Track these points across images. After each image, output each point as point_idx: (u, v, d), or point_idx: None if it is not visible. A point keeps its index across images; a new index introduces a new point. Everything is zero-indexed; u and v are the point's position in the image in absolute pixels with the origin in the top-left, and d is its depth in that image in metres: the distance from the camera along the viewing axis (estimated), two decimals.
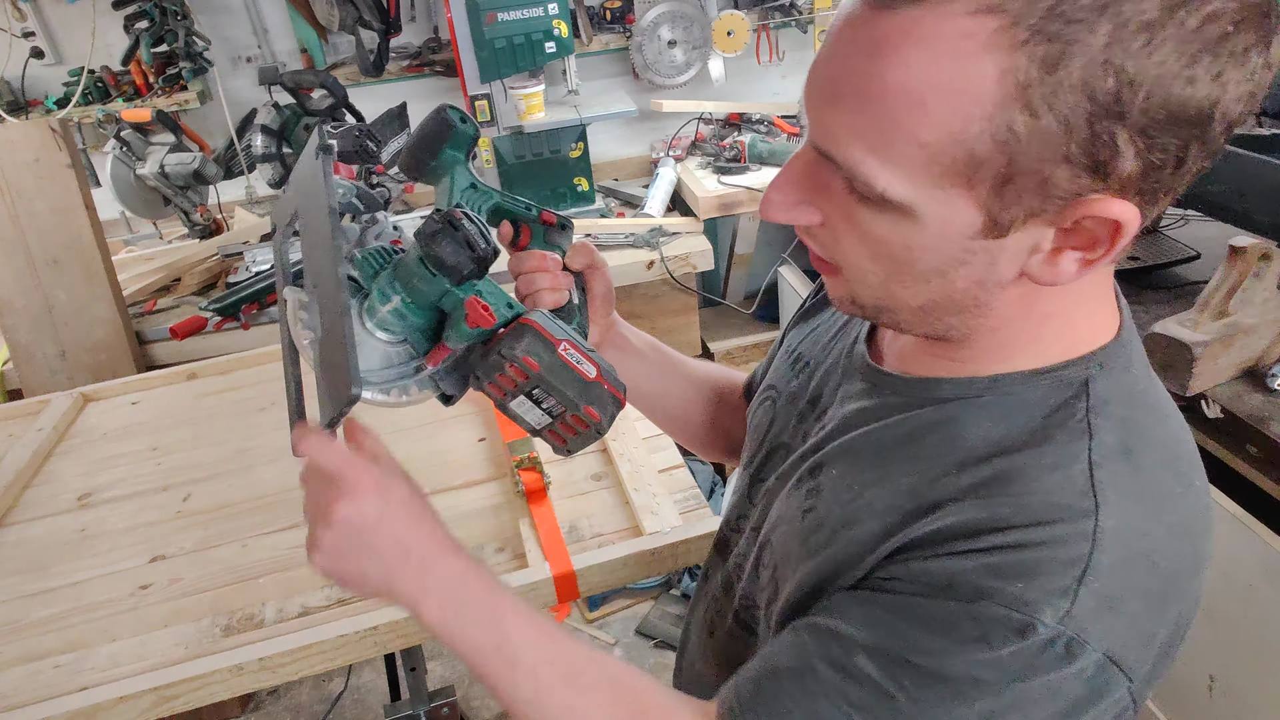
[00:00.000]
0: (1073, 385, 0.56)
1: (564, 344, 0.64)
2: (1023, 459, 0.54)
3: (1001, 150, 0.45)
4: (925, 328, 0.58)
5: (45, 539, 1.32)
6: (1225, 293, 1.29)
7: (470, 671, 0.63)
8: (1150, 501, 0.54)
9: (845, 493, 0.62)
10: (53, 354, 2.04)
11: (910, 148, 0.47)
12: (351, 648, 1.05)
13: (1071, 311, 0.57)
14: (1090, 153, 0.45)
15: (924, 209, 0.49)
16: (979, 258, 0.51)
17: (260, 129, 2.35)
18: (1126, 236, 0.48)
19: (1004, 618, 0.50)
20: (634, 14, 2.63)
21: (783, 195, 0.55)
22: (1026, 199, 0.47)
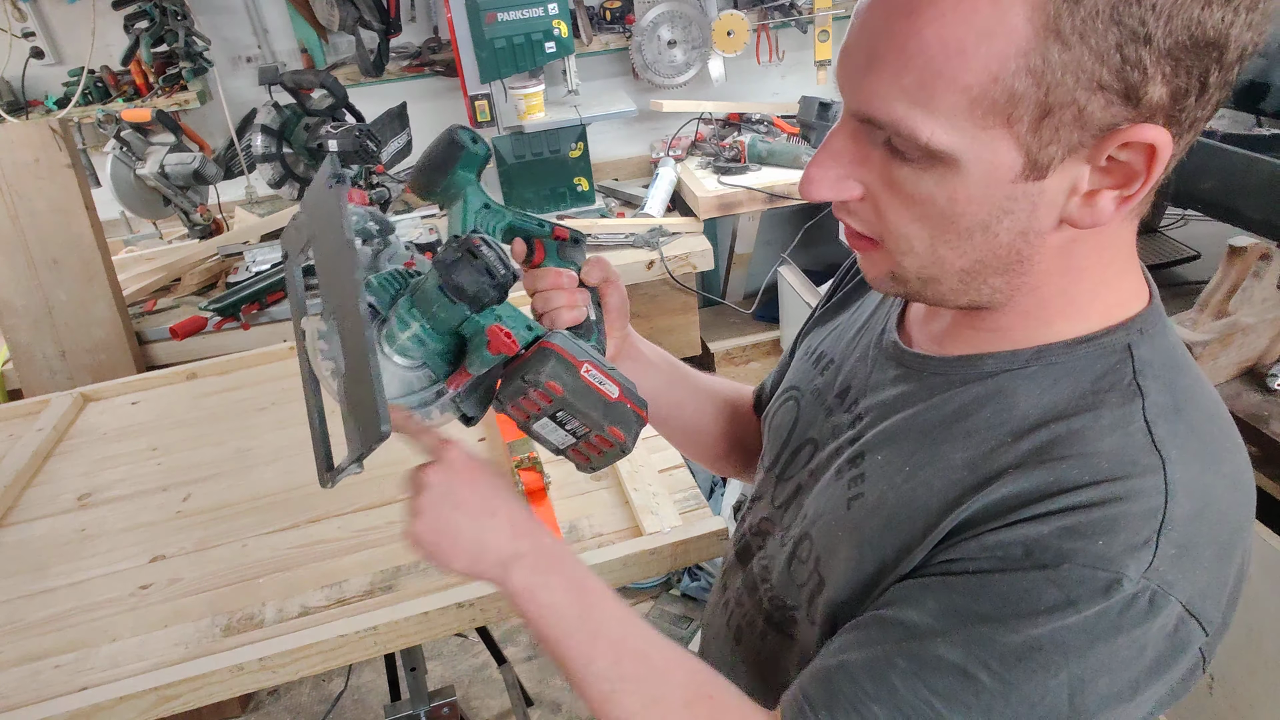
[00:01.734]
0: (1116, 351, 0.58)
1: (586, 365, 0.65)
2: (1080, 422, 0.55)
3: (1038, 83, 0.47)
4: (968, 295, 0.58)
5: (45, 539, 1.32)
6: (1225, 292, 1.29)
7: (541, 640, 0.64)
8: (1207, 456, 0.55)
9: (896, 475, 0.62)
10: (53, 354, 2.04)
11: (953, 94, 0.48)
12: (351, 648, 1.05)
13: (1105, 271, 0.58)
14: (1122, 78, 0.47)
15: (967, 155, 0.50)
16: (1020, 205, 0.52)
17: (260, 129, 2.35)
18: (1161, 163, 0.50)
19: (1089, 578, 0.50)
20: (634, 14, 2.63)
21: (823, 171, 0.56)
22: (1064, 133, 0.49)
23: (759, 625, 0.76)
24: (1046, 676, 0.51)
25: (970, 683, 0.53)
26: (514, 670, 1.90)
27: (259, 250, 2.31)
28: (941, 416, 0.62)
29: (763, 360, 2.67)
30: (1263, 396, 1.27)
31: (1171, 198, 1.54)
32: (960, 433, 0.60)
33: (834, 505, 0.67)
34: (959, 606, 0.54)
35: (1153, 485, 0.52)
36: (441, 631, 1.08)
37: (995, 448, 0.57)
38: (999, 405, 0.59)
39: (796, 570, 0.70)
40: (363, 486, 1.33)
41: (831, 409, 0.73)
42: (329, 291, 0.66)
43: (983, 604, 0.53)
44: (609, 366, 0.67)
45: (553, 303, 0.74)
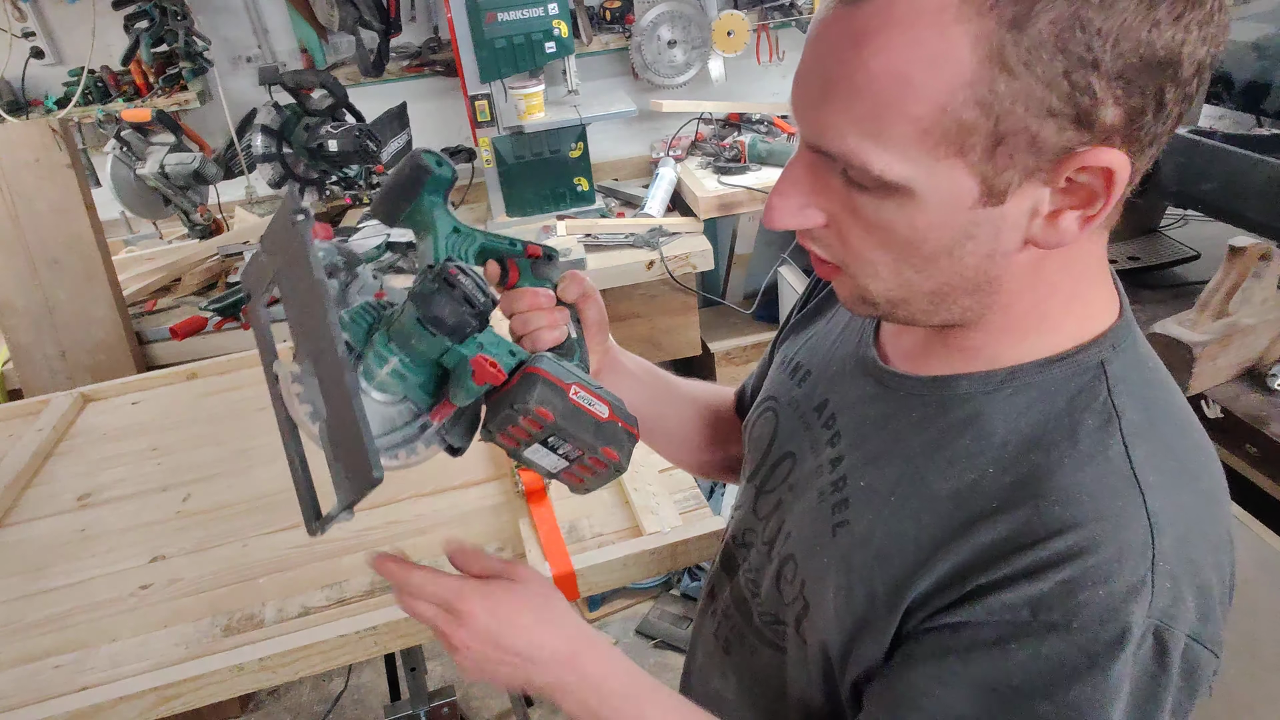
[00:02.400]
0: (1089, 369, 0.57)
1: (574, 387, 0.64)
2: (1058, 452, 0.55)
3: (987, 113, 0.47)
4: (939, 316, 0.58)
5: (45, 539, 1.32)
6: (1225, 293, 1.29)
7: None
8: (1184, 475, 0.55)
9: (882, 505, 0.61)
10: (53, 354, 2.04)
11: (902, 125, 0.48)
12: (351, 648, 1.05)
13: (1076, 285, 0.58)
14: (1072, 104, 0.47)
15: (922, 185, 0.50)
16: (983, 229, 0.52)
17: (260, 129, 2.35)
18: (1120, 185, 0.49)
19: (1100, 634, 0.51)
20: (634, 14, 2.63)
21: (785, 201, 0.56)
22: (1019, 159, 0.49)
23: (750, 639, 0.75)
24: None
25: None
26: None
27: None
28: (922, 443, 0.61)
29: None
30: (1263, 397, 1.27)
31: (1172, 198, 1.55)
32: (942, 461, 0.59)
33: (819, 530, 0.66)
34: (991, 683, 0.53)
35: (1137, 520, 0.52)
36: None
37: (978, 479, 0.57)
38: (977, 432, 0.58)
39: (784, 589, 0.70)
40: None
41: (809, 423, 0.73)
42: (302, 333, 0.64)
43: (1013, 678, 0.53)
44: (596, 385, 0.66)
45: (532, 324, 0.73)
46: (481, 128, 2.40)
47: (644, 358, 0.94)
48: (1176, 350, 1.26)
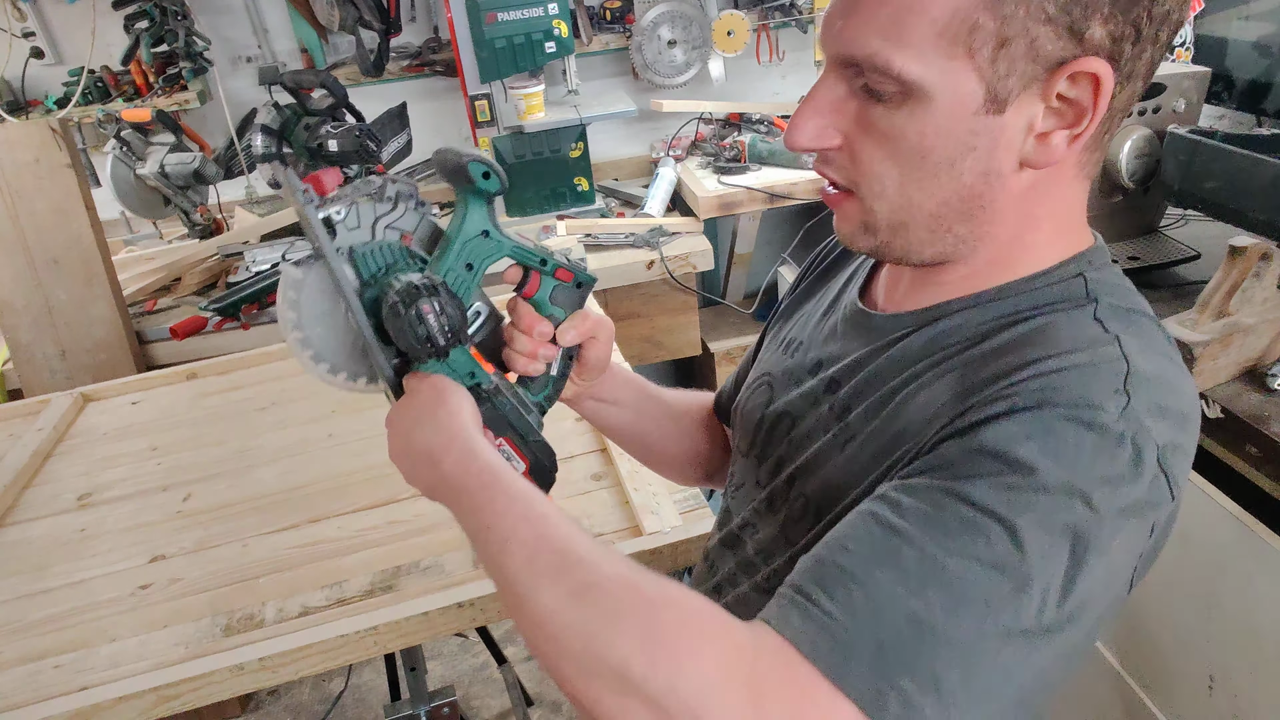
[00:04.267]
0: (1069, 278, 0.62)
1: (501, 441, 0.71)
2: (1041, 319, 0.60)
3: (995, 15, 0.53)
4: (934, 245, 0.62)
5: (45, 539, 1.32)
6: (1225, 292, 1.29)
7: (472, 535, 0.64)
8: (1153, 349, 0.58)
9: (882, 410, 0.64)
10: (53, 354, 2.04)
11: (921, 27, 0.54)
12: (351, 648, 1.05)
13: (1059, 222, 0.63)
14: (1066, 13, 0.53)
15: (934, 85, 0.55)
16: (982, 140, 0.57)
17: (260, 129, 2.35)
18: (1106, 95, 0.55)
19: (1072, 415, 0.52)
20: (634, 14, 2.63)
21: (805, 122, 0.61)
22: (1019, 65, 0.54)
23: (753, 599, 0.75)
24: (1054, 513, 0.50)
25: (977, 532, 0.50)
26: (514, 670, 1.90)
27: (259, 250, 2.31)
28: (915, 350, 0.65)
29: None
30: (1263, 397, 1.26)
31: (1172, 198, 1.55)
32: (935, 361, 0.63)
33: (825, 457, 0.68)
34: (948, 460, 0.53)
35: (1112, 352, 0.55)
36: (441, 631, 1.07)
37: (968, 358, 0.60)
38: (966, 329, 0.63)
39: (789, 529, 0.70)
40: (363, 486, 1.33)
41: (802, 381, 0.75)
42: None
43: (971, 453, 0.52)
44: (531, 436, 0.72)
45: (516, 345, 0.75)
46: (481, 128, 2.40)
47: (644, 357, 0.96)
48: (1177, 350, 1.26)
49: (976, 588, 0.49)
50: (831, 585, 0.51)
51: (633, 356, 1.66)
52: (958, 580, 0.49)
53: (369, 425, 1.50)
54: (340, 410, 1.56)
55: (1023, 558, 0.50)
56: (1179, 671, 1.40)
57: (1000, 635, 0.49)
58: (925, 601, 0.49)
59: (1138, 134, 1.54)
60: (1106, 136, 0.60)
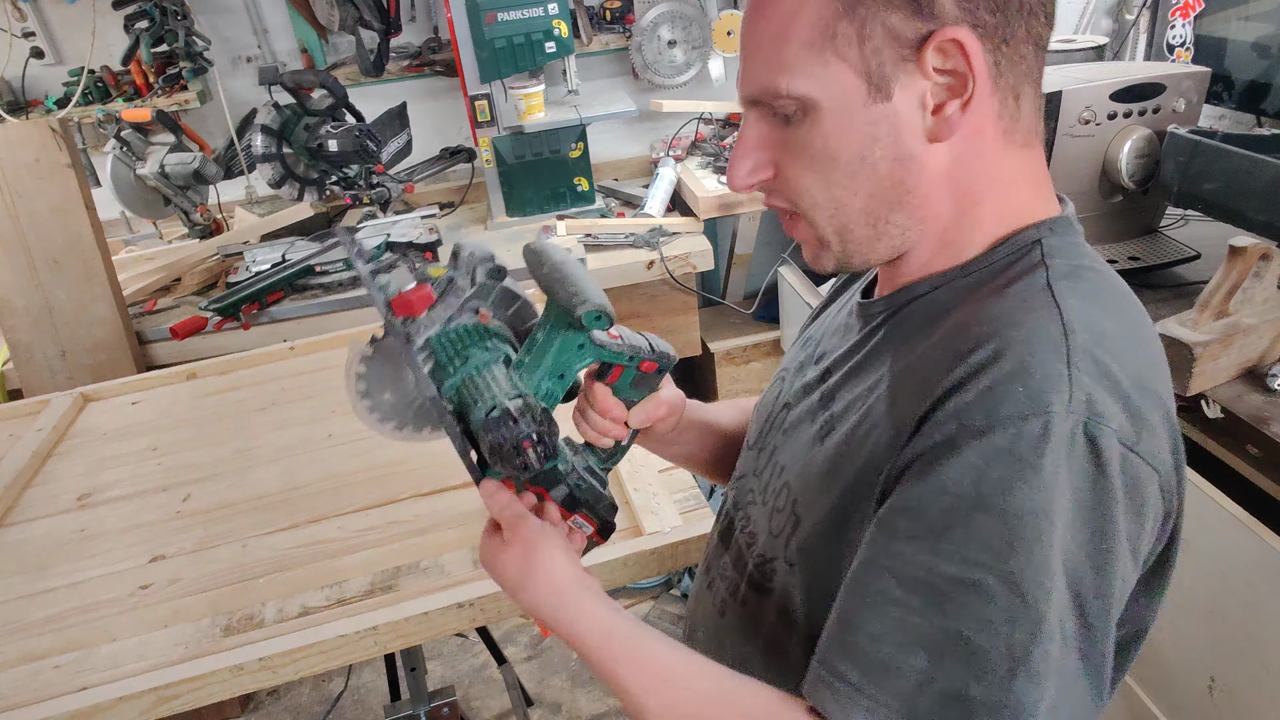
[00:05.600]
0: (1026, 244, 0.64)
1: (575, 516, 0.78)
2: (985, 291, 0.63)
3: (850, 18, 0.59)
4: (882, 241, 0.66)
5: (45, 539, 1.32)
6: (1225, 293, 1.28)
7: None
8: (1106, 309, 0.60)
9: (862, 404, 0.66)
10: (53, 354, 2.04)
11: (794, 48, 0.61)
12: (351, 648, 1.05)
13: (1004, 189, 0.65)
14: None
15: (821, 91, 0.61)
16: (882, 128, 0.61)
17: (260, 129, 2.35)
18: (976, 57, 0.58)
19: (1022, 428, 0.53)
20: (634, 14, 2.63)
21: (738, 164, 0.67)
22: (885, 50, 0.59)
23: (741, 590, 0.77)
24: (1038, 545, 0.52)
25: (976, 592, 0.53)
26: (514, 670, 1.90)
27: (259, 250, 2.31)
28: (890, 340, 0.68)
29: (763, 360, 2.67)
30: (1263, 397, 1.26)
31: (1172, 198, 1.55)
32: (906, 346, 0.66)
33: (809, 448, 0.70)
34: (923, 505, 0.55)
35: (1050, 321, 0.56)
36: (441, 631, 1.08)
37: (932, 345, 0.62)
38: (930, 311, 0.66)
39: (775, 521, 0.73)
40: (363, 486, 1.33)
41: (806, 372, 0.78)
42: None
43: (944, 495, 0.54)
44: (601, 503, 0.78)
45: (588, 421, 0.82)
46: (481, 128, 2.40)
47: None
48: (1177, 350, 1.26)
49: (996, 646, 0.52)
50: (878, 674, 0.55)
51: None
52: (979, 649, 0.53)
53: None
54: (340, 410, 1.56)
55: (1025, 604, 0.52)
56: (1179, 672, 1.40)
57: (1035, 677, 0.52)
58: (958, 675, 0.53)
59: (1138, 134, 1.54)
60: (1020, 100, 0.62)
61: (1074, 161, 1.57)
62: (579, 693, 2.28)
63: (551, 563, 0.71)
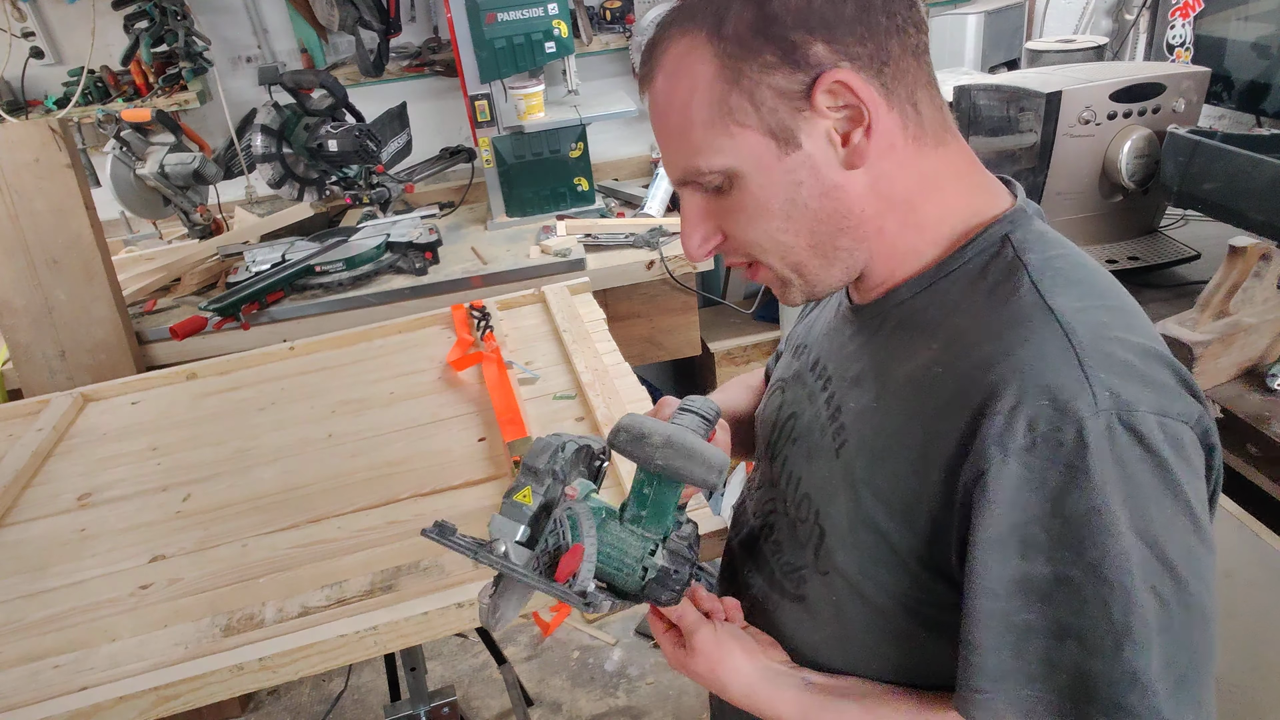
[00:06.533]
0: (995, 240, 0.68)
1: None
2: (978, 307, 0.65)
3: (736, 88, 0.64)
4: (837, 266, 0.70)
5: (45, 539, 1.32)
6: (1225, 293, 1.29)
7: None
8: (1091, 294, 0.63)
9: (870, 416, 0.70)
10: (53, 354, 2.04)
11: (697, 130, 0.66)
12: (351, 648, 1.05)
13: (933, 191, 0.68)
14: (780, 53, 0.63)
15: (736, 160, 0.66)
16: (802, 173, 0.65)
17: (260, 129, 2.35)
18: (861, 89, 0.63)
19: (1061, 439, 0.57)
20: (634, 14, 2.63)
21: (689, 238, 0.72)
22: (779, 107, 0.64)
23: (773, 599, 0.80)
24: (1108, 535, 0.56)
25: (1067, 585, 0.58)
26: (514, 670, 1.90)
27: (259, 250, 2.31)
28: (886, 352, 0.71)
29: (763, 360, 2.67)
30: (1263, 397, 1.26)
31: (1172, 198, 1.55)
32: (901, 356, 0.69)
33: (825, 460, 0.74)
34: (1001, 533, 0.59)
35: (1050, 330, 0.60)
36: (441, 631, 1.07)
37: (928, 358, 0.66)
38: (918, 321, 0.69)
39: (800, 530, 0.76)
40: (363, 486, 1.33)
41: (806, 381, 0.82)
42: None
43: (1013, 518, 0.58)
44: (705, 577, 0.79)
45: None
46: (481, 128, 2.40)
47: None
48: (1177, 350, 1.26)
49: (1098, 626, 0.58)
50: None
51: (633, 357, 1.67)
52: (1084, 631, 0.58)
53: (369, 425, 1.50)
54: (340, 410, 1.56)
55: (1112, 586, 0.57)
56: None
57: (1140, 644, 0.57)
58: (1074, 656, 0.59)
59: (1137, 134, 1.54)
60: (919, 106, 0.66)
61: (1074, 161, 1.57)
62: (579, 693, 2.28)
63: (736, 671, 0.75)
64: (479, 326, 1.71)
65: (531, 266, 2.22)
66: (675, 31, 0.66)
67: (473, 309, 1.78)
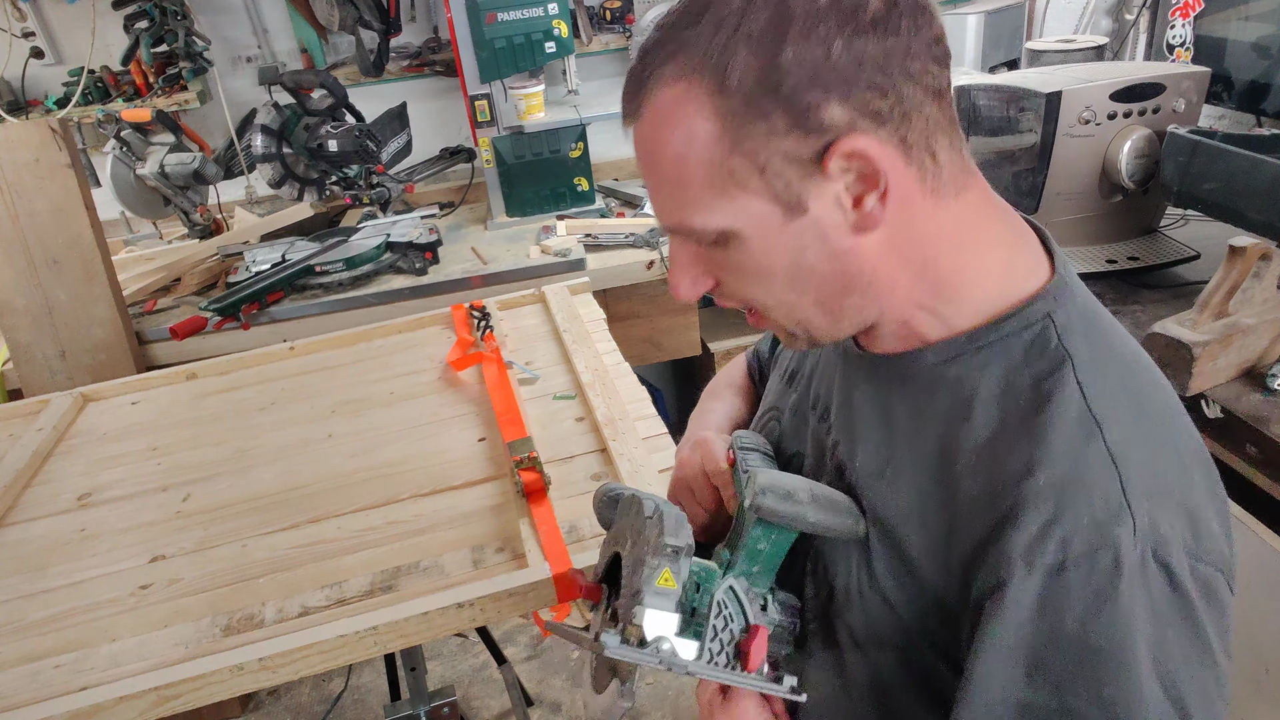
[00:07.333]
0: (1037, 319, 0.62)
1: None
2: (1023, 399, 0.60)
3: (741, 152, 0.57)
4: (846, 323, 0.65)
5: (45, 539, 1.32)
6: (1225, 293, 1.29)
7: None
8: (1136, 404, 0.60)
9: (879, 483, 0.66)
10: (53, 354, 2.04)
11: (696, 189, 0.59)
12: (351, 648, 1.05)
13: (954, 245, 0.62)
14: (793, 118, 0.56)
15: (737, 223, 0.60)
16: (809, 237, 0.60)
17: (260, 129, 2.35)
18: (876, 159, 0.56)
19: (1096, 561, 0.54)
20: (634, 14, 2.63)
21: (680, 279, 0.66)
22: (786, 173, 0.57)
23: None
24: (1127, 670, 0.53)
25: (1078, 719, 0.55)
26: (514, 670, 1.90)
27: (259, 250, 2.31)
28: (904, 416, 0.66)
29: None
30: (1263, 397, 1.26)
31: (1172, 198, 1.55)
32: (924, 428, 0.64)
33: None
34: (1015, 648, 0.56)
35: (1098, 453, 0.56)
36: (441, 631, 1.07)
37: (956, 438, 0.61)
38: (948, 394, 0.63)
39: (808, 583, 0.73)
40: (363, 486, 1.33)
41: (807, 419, 0.77)
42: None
43: (1030, 636, 0.55)
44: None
45: None
46: (481, 128, 2.40)
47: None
48: (1176, 350, 1.26)
49: None
50: None
51: (633, 357, 1.66)
52: None
53: (369, 425, 1.50)
54: (340, 410, 1.56)
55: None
56: None
57: None
58: None
59: (1137, 134, 1.54)
60: (937, 154, 0.59)
61: (1074, 161, 1.57)
62: (579, 693, 2.28)
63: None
64: (479, 326, 1.71)
65: (531, 266, 2.22)
66: (669, 73, 0.58)
67: (473, 309, 1.78)
